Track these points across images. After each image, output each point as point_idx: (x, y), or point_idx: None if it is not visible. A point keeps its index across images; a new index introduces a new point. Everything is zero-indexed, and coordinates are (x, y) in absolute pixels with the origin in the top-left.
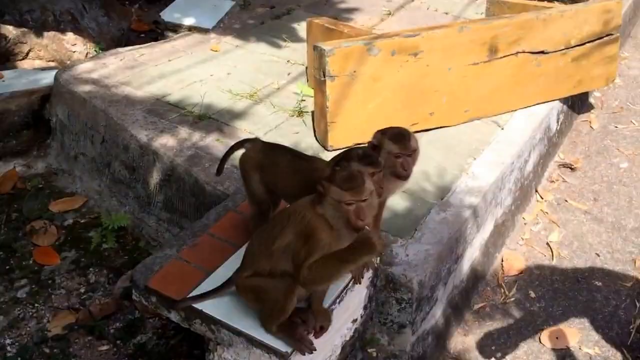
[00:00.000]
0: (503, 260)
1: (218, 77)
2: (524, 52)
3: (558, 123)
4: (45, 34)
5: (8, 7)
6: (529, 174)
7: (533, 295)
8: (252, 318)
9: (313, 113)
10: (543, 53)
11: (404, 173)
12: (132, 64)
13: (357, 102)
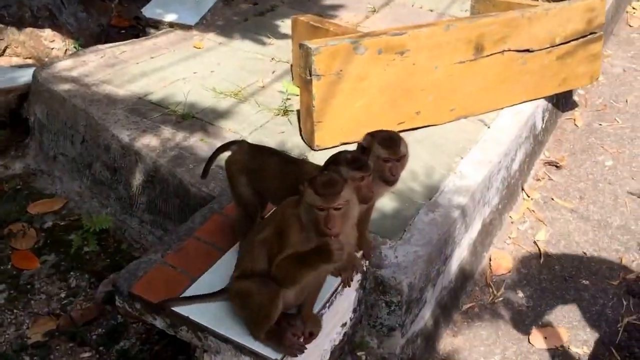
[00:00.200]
0: (491, 260)
1: (201, 75)
2: (510, 50)
3: (543, 121)
4: (23, 30)
5: None
6: (516, 173)
7: (521, 295)
8: (240, 324)
9: (299, 112)
10: (528, 51)
11: (392, 178)
12: (112, 62)
13: (343, 101)
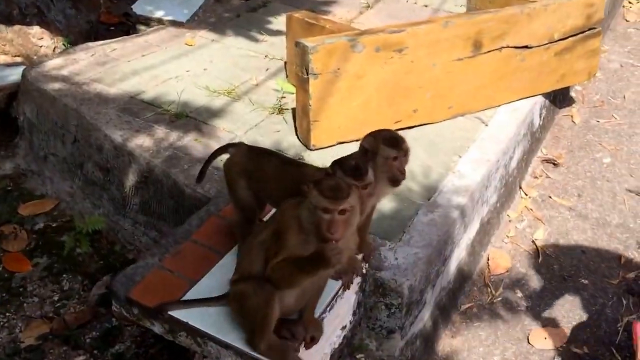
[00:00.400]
0: (489, 259)
1: (194, 73)
2: (508, 47)
3: (541, 118)
4: (11, 28)
5: None
6: (514, 171)
7: (520, 295)
8: (241, 330)
9: (294, 111)
10: (527, 48)
11: (401, 177)
12: (103, 60)
13: (340, 100)
